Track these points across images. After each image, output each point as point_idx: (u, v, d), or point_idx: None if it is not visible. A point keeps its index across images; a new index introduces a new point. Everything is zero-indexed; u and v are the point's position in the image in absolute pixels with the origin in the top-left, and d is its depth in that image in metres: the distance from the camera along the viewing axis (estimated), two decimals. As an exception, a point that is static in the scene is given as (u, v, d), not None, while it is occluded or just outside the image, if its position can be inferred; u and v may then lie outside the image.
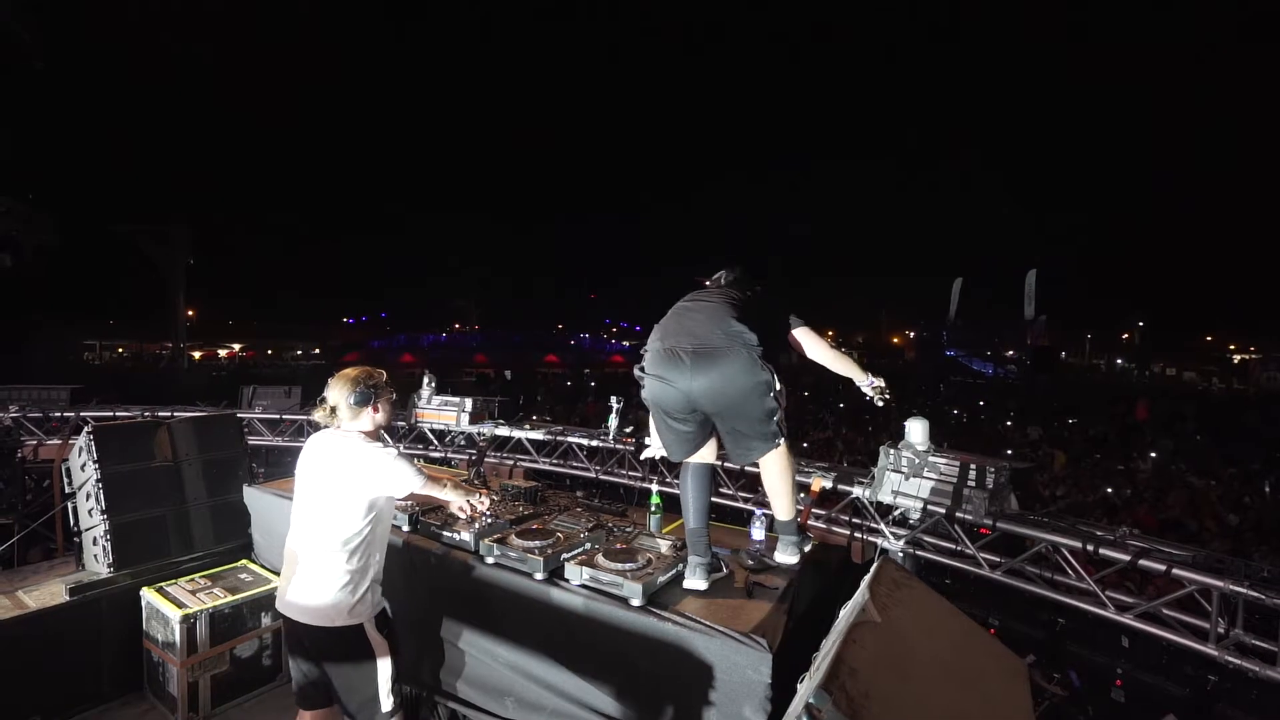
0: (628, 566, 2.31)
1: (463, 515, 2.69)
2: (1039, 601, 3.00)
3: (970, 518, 3.05)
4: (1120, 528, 2.78)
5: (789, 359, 2.57)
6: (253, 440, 6.23)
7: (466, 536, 2.68)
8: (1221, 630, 2.43)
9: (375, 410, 2.33)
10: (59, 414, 5.82)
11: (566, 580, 2.37)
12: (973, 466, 3.10)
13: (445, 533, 2.75)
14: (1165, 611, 2.61)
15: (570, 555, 2.48)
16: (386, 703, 2.25)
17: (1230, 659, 2.34)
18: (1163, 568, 2.51)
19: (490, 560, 2.57)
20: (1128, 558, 2.61)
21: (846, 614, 1.55)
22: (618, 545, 2.54)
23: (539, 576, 2.41)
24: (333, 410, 2.29)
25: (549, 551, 2.47)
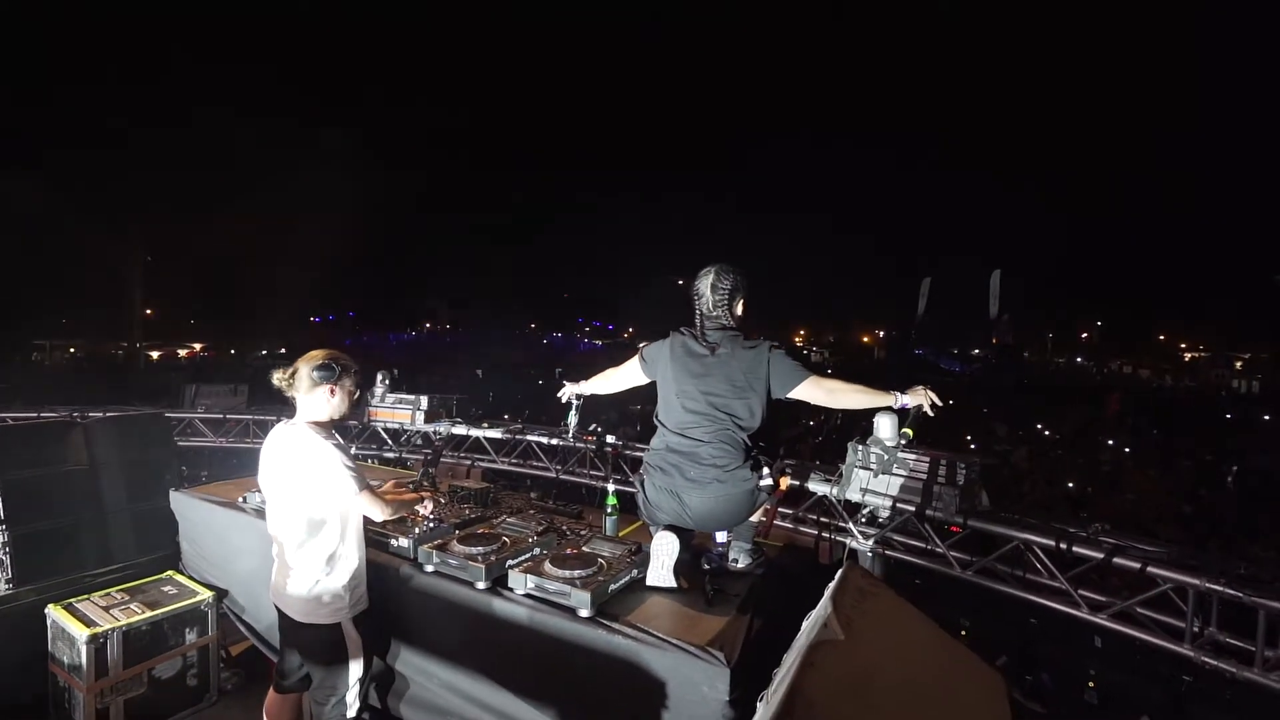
0: (576, 573, 2.12)
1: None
2: (1011, 602, 2.90)
3: (941, 515, 2.94)
4: (1093, 524, 2.70)
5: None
6: (196, 442, 5.87)
7: (405, 543, 2.46)
8: (1197, 629, 2.36)
9: (331, 393, 2.25)
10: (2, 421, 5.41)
11: (510, 589, 2.17)
12: (943, 462, 3.00)
13: (383, 538, 2.53)
14: (1139, 610, 2.53)
15: (515, 562, 2.28)
16: (353, 707, 2.24)
17: (1207, 659, 2.26)
18: (1137, 565, 2.43)
19: (429, 568, 2.36)
20: (1101, 555, 2.52)
21: (807, 628, 1.39)
22: (568, 550, 2.35)
23: (481, 585, 2.21)
24: (293, 374, 2.23)
25: (492, 558, 2.27)
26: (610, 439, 4.25)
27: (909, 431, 2.43)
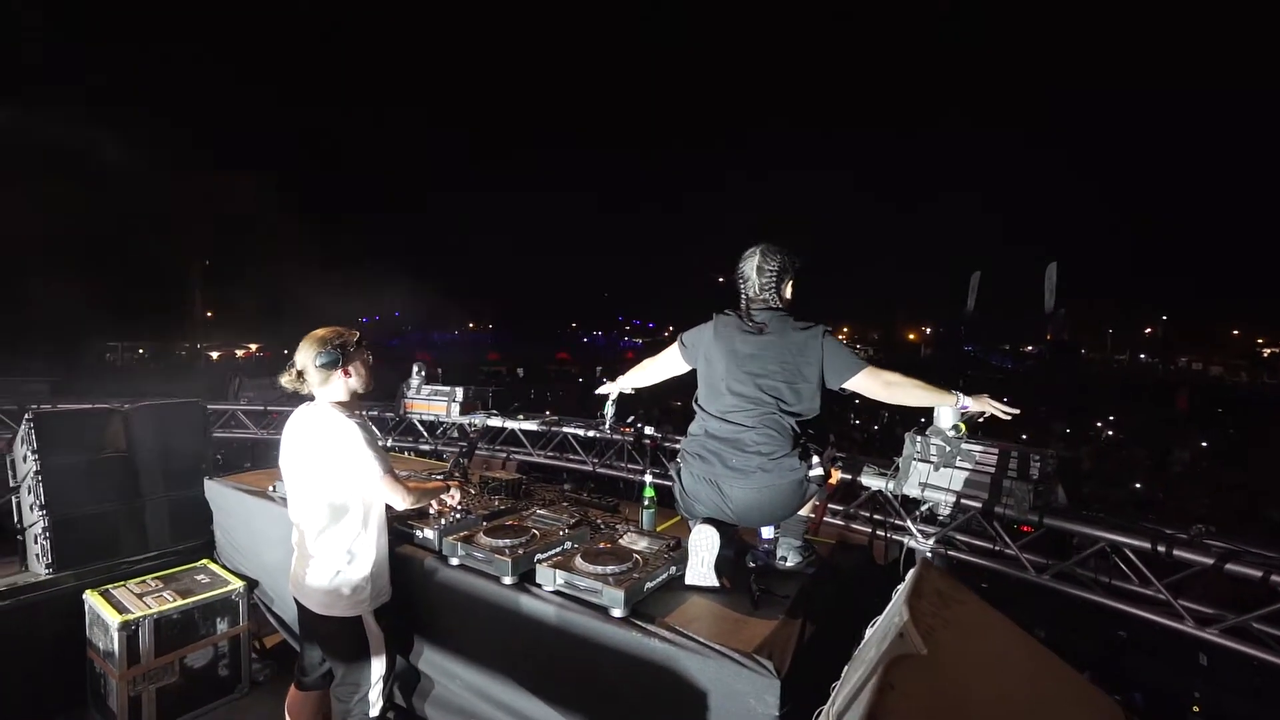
0: (610, 570, 1.95)
1: (430, 510, 2.43)
2: (1091, 610, 2.59)
3: (1012, 513, 2.65)
4: (1195, 525, 2.38)
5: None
6: (238, 434, 5.96)
7: (430, 534, 2.34)
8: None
9: (346, 374, 2.11)
10: (35, 406, 5.58)
11: (539, 585, 2.01)
12: (1014, 455, 2.70)
13: (407, 530, 2.41)
14: (1257, 626, 2.20)
15: (544, 556, 2.12)
16: (376, 705, 2.13)
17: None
18: (1258, 573, 2.10)
19: (455, 561, 2.22)
20: (1209, 561, 2.20)
21: (876, 638, 1.18)
22: (601, 545, 2.18)
23: (507, 581, 2.06)
24: (299, 374, 2.09)
25: (520, 552, 2.12)
26: (649, 430, 4.07)
27: (961, 426, 2.28)
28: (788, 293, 2.19)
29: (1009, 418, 2.16)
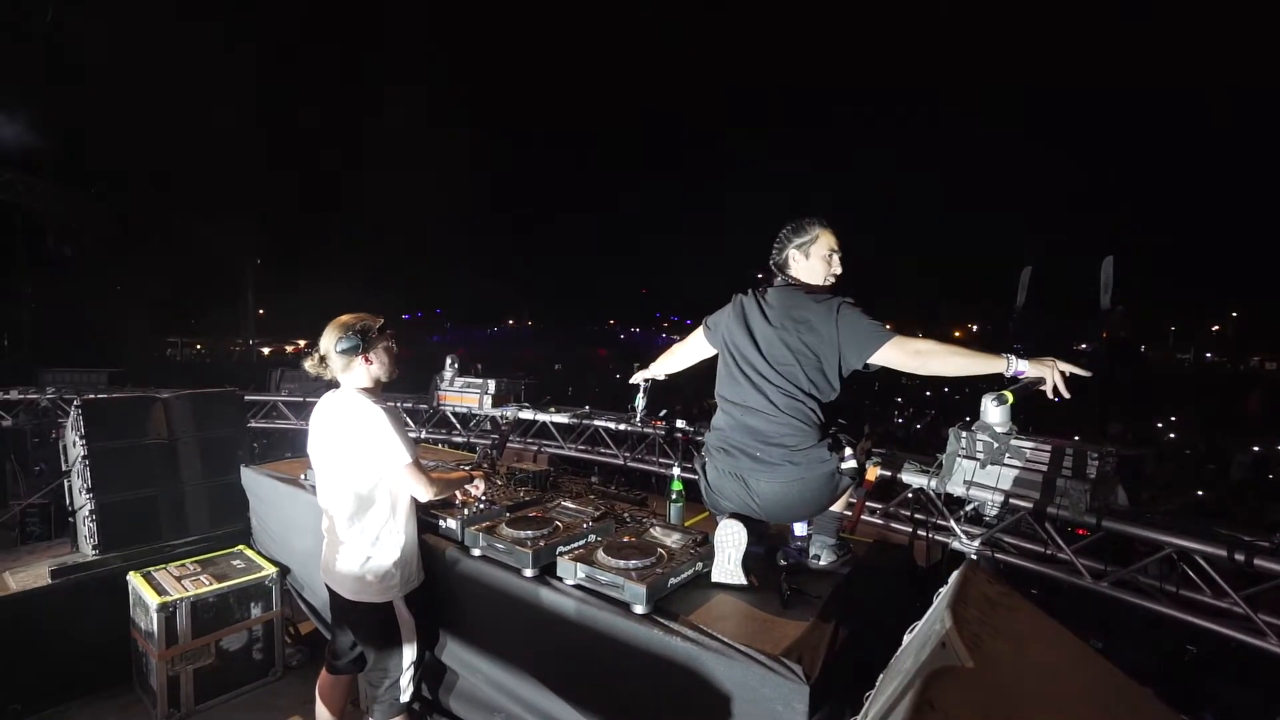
0: (632, 564, 1.88)
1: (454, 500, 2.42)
2: (1154, 622, 2.39)
3: (1066, 514, 2.47)
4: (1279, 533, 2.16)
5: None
6: (279, 424, 6.11)
7: (453, 524, 2.31)
8: None
9: (368, 361, 2.11)
10: (93, 396, 5.84)
11: (559, 579, 1.96)
12: (1069, 451, 2.52)
13: (431, 520, 2.39)
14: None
15: (567, 549, 2.07)
16: (407, 691, 2.13)
17: None
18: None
19: (476, 552, 2.19)
20: (1295, 571, 2.00)
21: (915, 646, 1.07)
22: (625, 538, 2.11)
23: (528, 573, 2.01)
24: (322, 359, 2.10)
25: (541, 543, 2.07)
26: (680, 423, 3.99)
27: (1008, 394, 2.00)
28: (790, 263, 2.04)
29: (1064, 395, 1.75)
